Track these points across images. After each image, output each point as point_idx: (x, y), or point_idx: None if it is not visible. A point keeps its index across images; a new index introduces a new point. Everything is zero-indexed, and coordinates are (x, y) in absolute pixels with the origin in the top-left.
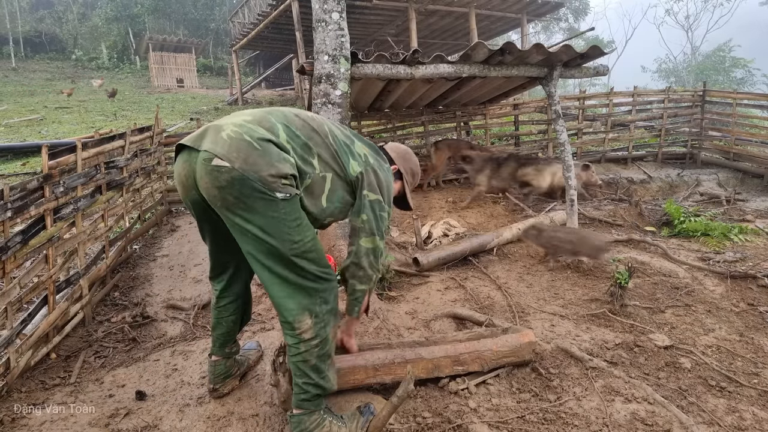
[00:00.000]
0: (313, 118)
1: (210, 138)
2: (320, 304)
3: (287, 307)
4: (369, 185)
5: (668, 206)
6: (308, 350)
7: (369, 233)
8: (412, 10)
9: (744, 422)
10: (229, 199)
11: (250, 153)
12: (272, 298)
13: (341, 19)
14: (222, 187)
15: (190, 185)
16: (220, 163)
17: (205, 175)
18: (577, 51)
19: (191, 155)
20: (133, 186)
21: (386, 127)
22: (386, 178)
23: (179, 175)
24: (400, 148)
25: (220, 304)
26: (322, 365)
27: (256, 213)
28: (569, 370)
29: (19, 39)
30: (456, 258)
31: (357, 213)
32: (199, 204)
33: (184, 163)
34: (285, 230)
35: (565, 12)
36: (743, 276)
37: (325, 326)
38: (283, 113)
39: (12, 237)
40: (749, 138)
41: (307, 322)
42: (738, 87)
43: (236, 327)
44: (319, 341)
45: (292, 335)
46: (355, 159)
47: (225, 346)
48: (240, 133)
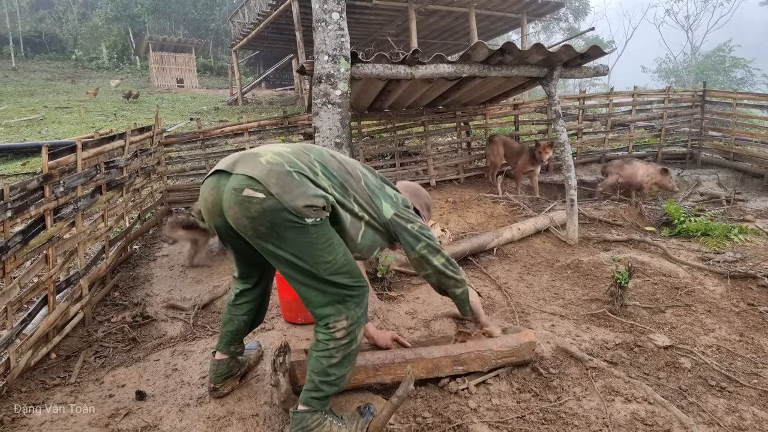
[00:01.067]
0: (347, 161)
1: (247, 163)
2: (354, 307)
3: (325, 313)
4: (409, 219)
5: (668, 206)
6: (337, 347)
7: (434, 252)
8: (412, 10)
9: (744, 422)
10: (260, 229)
11: (288, 181)
12: (309, 308)
13: (341, 19)
14: (253, 218)
15: (215, 212)
16: (251, 194)
17: (235, 204)
18: (577, 51)
19: (221, 181)
20: (133, 186)
21: (386, 127)
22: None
23: (205, 200)
24: (410, 186)
25: (237, 302)
26: (345, 363)
27: (287, 241)
28: (569, 370)
29: (19, 39)
30: (456, 258)
31: (414, 243)
32: (224, 229)
33: (212, 189)
34: (317, 254)
35: (565, 12)
36: (743, 276)
37: (356, 328)
38: (320, 152)
39: (12, 237)
40: (749, 138)
41: (342, 323)
42: (738, 87)
43: (246, 327)
44: (349, 340)
45: (324, 332)
46: (387, 201)
47: (231, 344)
48: (280, 162)
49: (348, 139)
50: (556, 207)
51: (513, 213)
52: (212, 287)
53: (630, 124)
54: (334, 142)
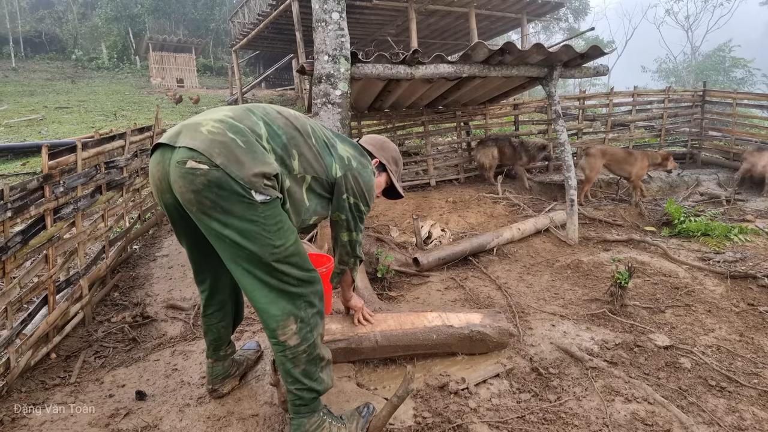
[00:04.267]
0: (296, 117)
1: (187, 134)
2: (305, 308)
3: (271, 314)
4: (349, 189)
5: (668, 206)
6: (295, 356)
7: (347, 229)
8: (412, 10)
9: (744, 422)
10: (205, 202)
11: (233, 149)
12: (254, 305)
13: (341, 19)
14: (198, 191)
15: (164, 188)
16: (195, 165)
17: (179, 178)
18: (577, 51)
19: (165, 155)
20: (133, 186)
21: (386, 127)
22: (368, 181)
23: (153, 177)
24: (376, 139)
25: (207, 312)
26: (312, 368)
27: (233, 217)
28: (569, 370)
29: (19, 39)
30: (456, 258)
31: (336, 210)
32: (174, 208)
33: (158, 165)
34: (265, 235)
35: (565, 12)
36: (743, 276)
37: (311, 330)
38: (264, 110)
39: (12, 237)
40: (749, 138)
41: (291, 328)
42: (738, 87)
43: (228, 331)
44: (306, 346)
45: (276, 343)
46: (337, 162)
47: (219, 350)
48: (222, 129)
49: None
50: (556, 207)
51: (513, 213)
52: None
53: (630, 124)
54: None
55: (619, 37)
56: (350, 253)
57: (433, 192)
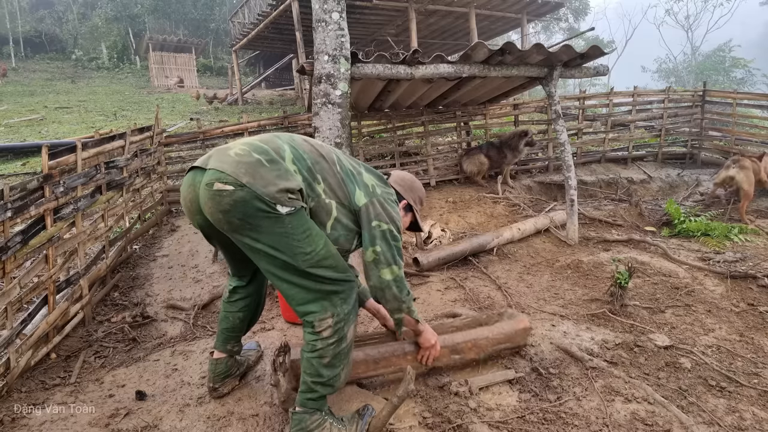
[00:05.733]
0: (321, 145)
1: (217, 158)
2: (341, 304)
3: (309, 311)
4: (378, 215)
5: (668, 206)
6: (325, 347)
7: (386, 264)
8: (412, 10)
9: (744, 422)
10: (234, 221)
11: (258, 168)
12: (292, 305)
13: (341, 19)
14: (226, 211)
15: (194, 210)
16: (221, 187)
17: (208, 199)
18: (577, 51)
19: (196, 178)
20: (133, 186)
21: (386, 127)
22: (395, 209)
23: (184, 199)
24: (405, 179)
25: (231, 299)
26: (336, 363)
27: (262, 232)
28: (569, 370)
29: (19, 39)
30: (456, 258)
31: (369, 245)
32: (206, 227)
33: (189, 187)
34: (294, 244)
35: (565, 12)
36: (743, 276)
37: (344, 325)
38: (291, 137)
39: (12, 237)
40: (749, 138)
41: (328, 322)
42: (738, 87)
43: (243, 325)
44: (337, 339)
45: (311, 332)
46: (361, 189)
47: (227, 343)
48: (248, 151)
49: (348, 139)
50: (555, 207)
51: (513, 213)
52: (212, 287)
53: (630, 124)
54: (334, 142)
55: (619, 37)
56: (397, 297)
57: (433, 192)
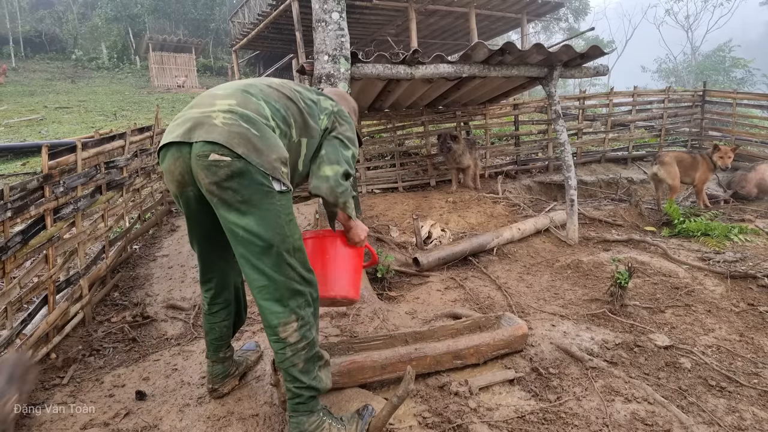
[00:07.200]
0: (282, 84)
1: (202, 129)
2: (305, 306)
3: (274, 311)
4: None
5: (668, 206)
6: (295, 354)
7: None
8: (412, 10)
9: (744, 422)
10: (228, 193)
11: (250, 138)
12: (259, 302)
13: (341, 19)
14: (220, 182)
15: (187, 181)
16: (218, 158)
17: (202, 170)
18: (577, 51)
19: (182, 151)
20: (133, 186)
21: (386, 127)
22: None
23: (172, 173)
24: (339, 92)
25: (211, 311)
26: (311, 366)
27: (253, 205)
28: (569, 370)
29: (19, 39)
30: (456, 258)
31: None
32: (194, 200)
33: (176, 161)
34: (280, 222)
35: (565, 12)
36: (743, 276)
37: (310, 328)
38: (260, 89)
39: (12, 237)
40: (749, 138)
41: (292, 326)
42: (738, 87)
43: (229, 332)
44: (305, 344)
45: (277, 340)
46: (323, 114)
47: (219, 351)
48: (235, 119)
49: None
50: (555, 207)
51: (513, 213)
52: None
53: (630, 124)
54: None
55: (619, 37)
56: (334, 189)
57: (433, 192)
